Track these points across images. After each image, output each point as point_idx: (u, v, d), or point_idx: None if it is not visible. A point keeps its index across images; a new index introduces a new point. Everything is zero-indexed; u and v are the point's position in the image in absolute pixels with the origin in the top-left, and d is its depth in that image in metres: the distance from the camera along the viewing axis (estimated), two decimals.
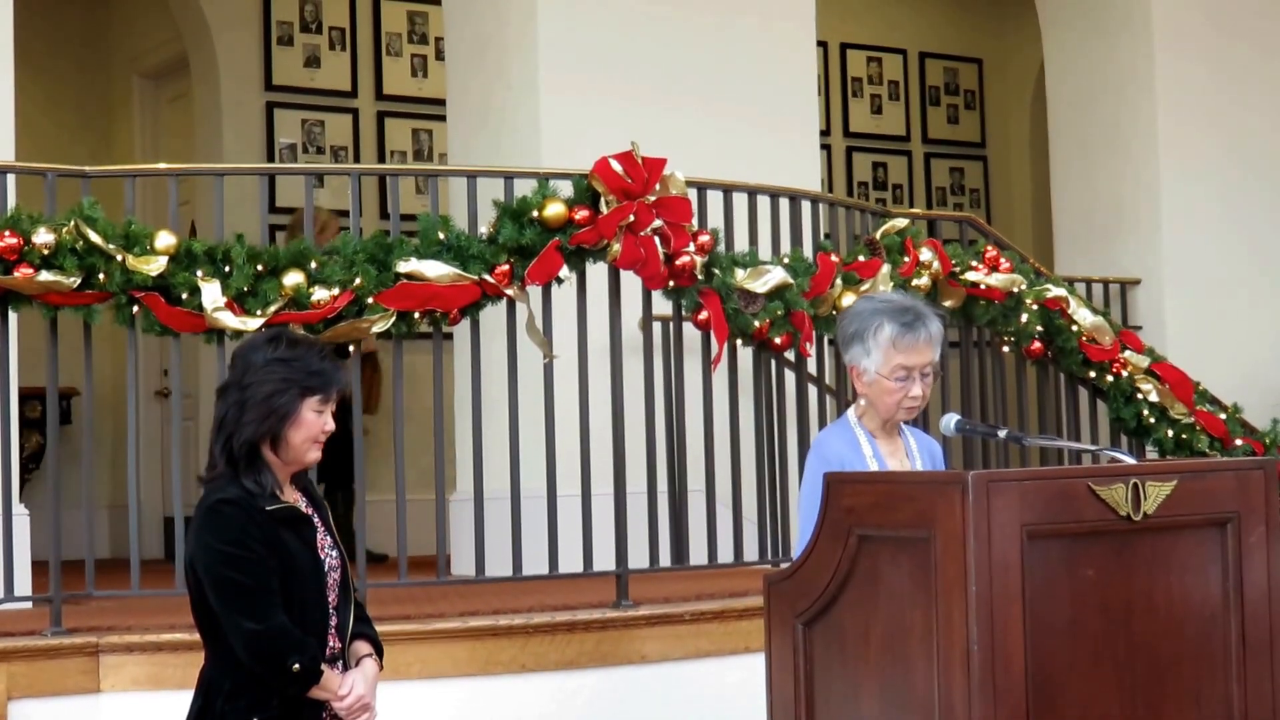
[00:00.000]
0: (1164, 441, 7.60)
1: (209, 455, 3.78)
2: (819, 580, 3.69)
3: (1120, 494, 3.53)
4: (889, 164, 11.72)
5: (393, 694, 4.26)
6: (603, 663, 5.37)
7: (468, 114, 7.66)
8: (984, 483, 3.38)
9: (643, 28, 7.57)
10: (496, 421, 5.85)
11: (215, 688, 3.70)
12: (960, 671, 3.36)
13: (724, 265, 5.90)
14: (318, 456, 3.82)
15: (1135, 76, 9.04)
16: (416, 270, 5.38)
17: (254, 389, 3.71)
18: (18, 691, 4.83)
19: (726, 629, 5.54)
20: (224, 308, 5.18)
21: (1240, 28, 9.29)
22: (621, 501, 5.66)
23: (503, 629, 5.27)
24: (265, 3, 9.62)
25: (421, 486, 6.64)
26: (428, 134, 9.90)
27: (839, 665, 3.68)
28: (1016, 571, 3.39)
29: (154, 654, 4.95)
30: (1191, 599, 3.64)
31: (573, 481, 5.68)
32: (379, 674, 3.87)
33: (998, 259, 6.93)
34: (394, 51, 9.95)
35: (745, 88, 7.73)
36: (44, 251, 5.01)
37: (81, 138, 10.20)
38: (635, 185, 5.58)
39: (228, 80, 9.48)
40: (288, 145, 9.59)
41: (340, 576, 3.82)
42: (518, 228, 5.47)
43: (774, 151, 7.58)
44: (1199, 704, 3.64)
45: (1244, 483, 3.73)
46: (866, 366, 4.19)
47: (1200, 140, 9.06)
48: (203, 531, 3.69)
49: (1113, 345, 7.45)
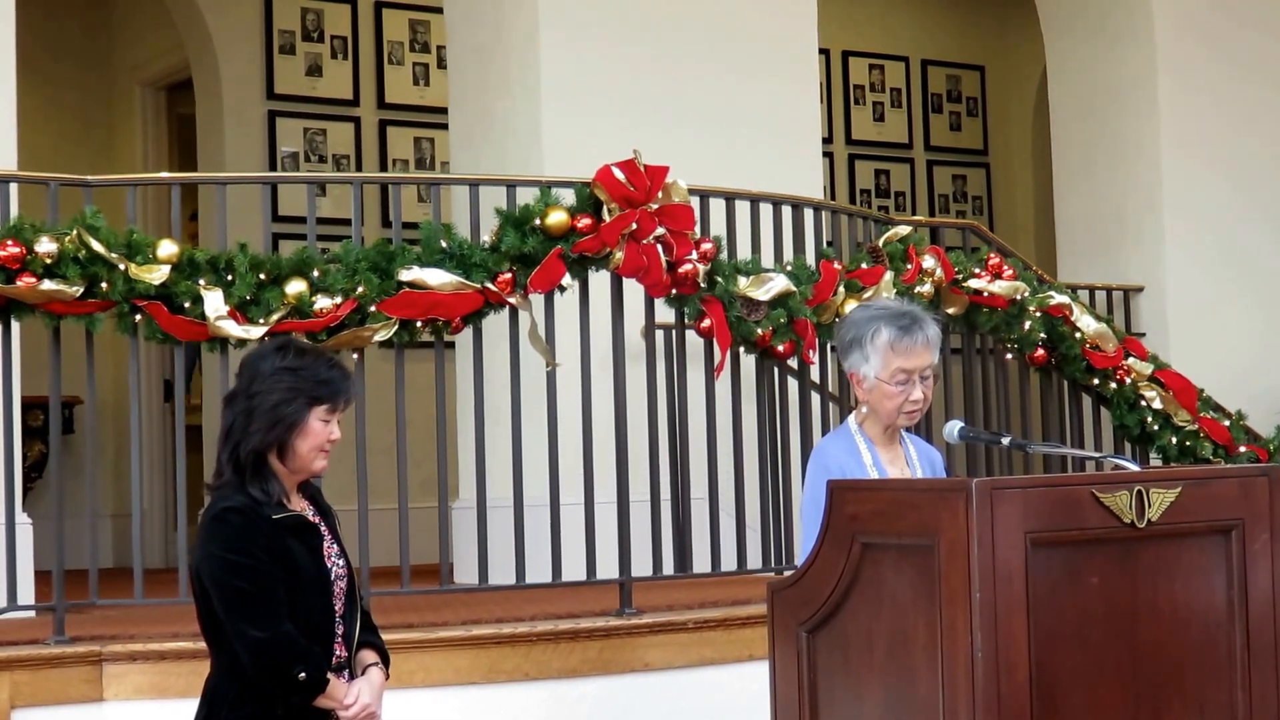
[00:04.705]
0: (1168, 448, 7.60)
1: (215, 463, 3.78)
2: (823, 588, 3.69)
3: (1124, 501, 3.52)
4: (891, 171, 11.72)
5: (396, 702, 4.25)
6: (606, 671, 5.37)
7: (470, 122, 7.67)
8: (988, 490, 3.38)
9: (644, 36, 7.58)
10: (499, 430, 5.85)
11: (220, 696, 3.70)
12: (964, 679, 3.35)
13: (726, 273, 5.90)
14: (325, 465, 3.82)
15: (1137, 83, 9.04)
16: (419, 278, 5.38)
17: (261, 398, 3.71)
18: (21, 700, 4.82)
19: (730, 637, 5.54)
20: (227, 316, 5.18)
21: (1242, 34, 9.29)
22: (624, 509, 5.66)
23: (506, 637, 5.26)
24: (267, 12, 9.63)
25: (424, 495, 6.64)
26: (430, 142, 9.90)
27: (843, 673, 3.67)
28: (1020, 579, 3.38)
29: (157, 663, 4.95)
30: (1195, 606, 3.64)
31: (575, 489, 5.68)
32: (385, 683, 3.87)
33: (1000, 266, 6.93)
34: (396, 60, 9.96)
35: (747, 95, 7.74)
36: (46, 260, 5.02)
37: (84, 147, 10.21)
38: (638, 193, 5.58)
39: (230, 89, 9.49)
40: (290, 154, 9.60)
41: (347, 585, 3.81)
42: (520, 236, 5.47)
43: (776, 159, 7.58)
44: (1203, 711, 3.63)
45: (1248, 490, 3.72)
46: (866, 372, 4.19)
47: (1203, 147, 9.07)
48: (209, 539, 3.68)
49: (1116, 352, 7.45)
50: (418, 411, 6.00)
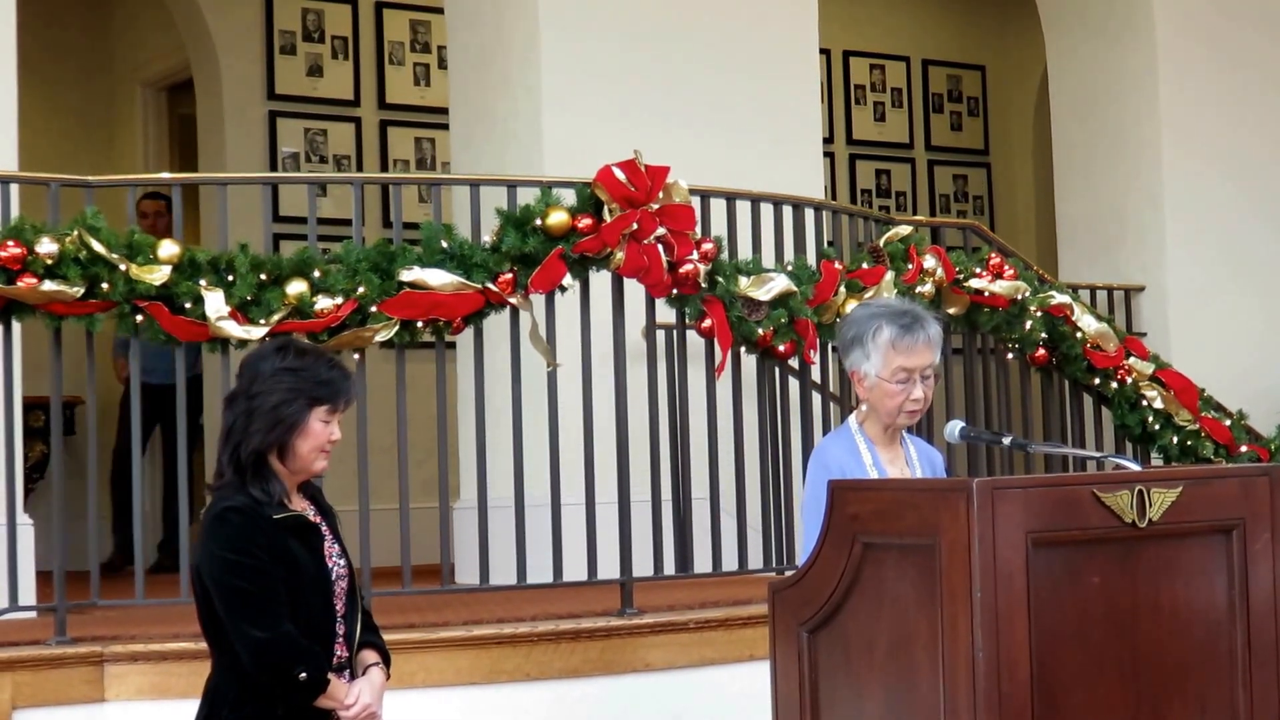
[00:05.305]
0: (1169, 448, 7.60)
1: (216, 464, 3.79)
2: (823, 588, 3.69)
3: (1125, 501, 3.52)
4: (892, 171, 11.72)
5: (397, 703, 4.26)
6: (607, 671, 5.37)
7: (470, 122, 7.67)
8: (989, 490, 3.38)
9: (645, 35, 7.57)
10: (500, 430, 5.85)
11: (221, 696, 3.70)
12: (965, 679, 3.35)
13: (727, 273, 5.90)
14: (325, 466, 3.82)
15: (1138, 82, 9.04)
16: (420, 279, 5.38)
17: (262, 398, 3.71)
18: (23, 701, 4.83)
19: (731, 637, 5.54)
20: (228, 316, 5.18)
21: (1243, 34, 9.29)
22: (625, 509, 5.66)
23: (507, 637, 5.26)
24: (268, 12, 9.63)
25: (425, 495, 6.64)
26: (430, 143, 9.90)
27: (844, 673, 3.68)
28: (1021, 579, 3.38)
29: (158, 663, 4.95)
30: (1197, 606, 3.64)
31: (576, 489, 5.68)
32: (386, 683, 3.87)
33: (1001, 266, 6.93)
34: (396, 60, 9.95)
35: (748, 95, 7.73)
36: (47, 261, 5.02)
37: (84, 147, 10.20)
38: (638, 193, 5.58)
39: (230, 89, 9.49)
40: (290, 154, 9.60)
41: (348, 585, 3.82)
42: (521, 236, 5.47)
43: (777, 159, 7.58)
44: (1204, 711, 3.63)
45: (1249, 489, 3.72)
46: (867, 371, 4.18)
47: (1204, 146, 9.06)
48: (209, 540, 3.69)
49: (1117, 352, 7.45)
50: (418, 412, 6.00)
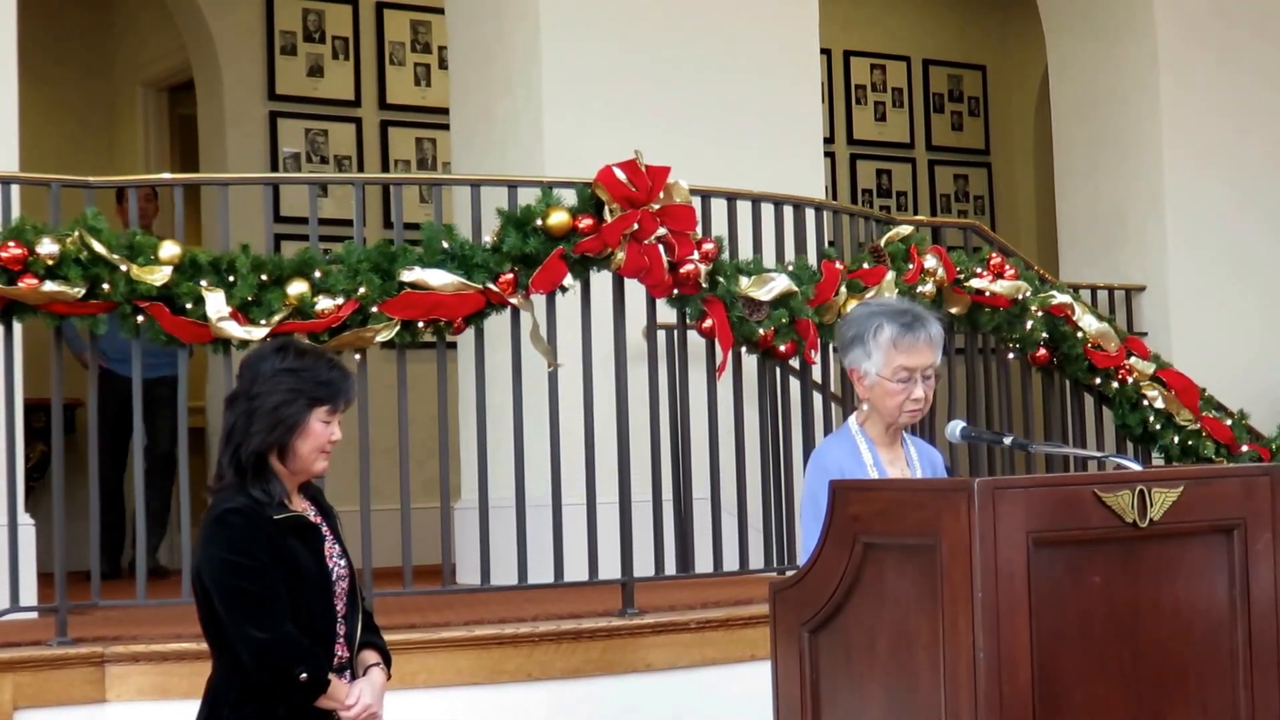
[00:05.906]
0: (1170, 448, 7.59)
1: (217, 465, 3.79)
2: (825, 588, 3.69)
3: (1126, 501, 3.52)
4: (893, 171, 11.72)
5: (398, 703, 4.26)
6: (608, 671, 5.37)
7: (471, 123, 7.67)
8: (989, 490, 3.38)
9: (646, 35, 7.57)
10: (501, 430, 5.84)
11: (222, 697, 3.70)
12: (966, 679, 3.35)
13: (728, 273, 5.90)
14: (325, 466, 3.82)
15: (1139, 82, 9.04)
16: (421, 279, 5.38)
17: (262, 399, 3.71)
18: (24, 701, 4.83)
19: (732, 637, 5.54)
20: (229, 317, 5.18)
21: (1243, 35, 9.29)
22: (626, 510, 5.66)
23: (508, 638, 5.27)
24: (268, 12, 9.63)
25: (426, 495, 6.64)
26: (431, 143, 9.90)
27: (845, 673, 3.68)
28: (1022, 579, 3.38)
29: (159, 664, 4.95)
30: (1198, 606, 3.64)
31: (577, 490, 5.68)
32: (386, 683, 3.87)
33: (1002, 266, 6.93)
34: (397, 61, 9.95)
35: (749, 96, 7.73)
36: (48, 262, 5.02)
37: (85, 148, 10.20)
38: (639, 193, 5.58)
39: (231, 90, 9.49)
40: (291, 155, 9.60)
41: (348, 585, 3.82)
42: (522, 236, 5.47)
43: (778, 159, 7.58)
44: (1205, 711, 3.63)
45: (1250, 489, 3.72)
46: (867, 369, 4.18)
47: (1204, 146, 9.06)
48: (210, 541, 3.69)
49: (1118, 351, 7.45)
50: (419, 412, 6.00)
